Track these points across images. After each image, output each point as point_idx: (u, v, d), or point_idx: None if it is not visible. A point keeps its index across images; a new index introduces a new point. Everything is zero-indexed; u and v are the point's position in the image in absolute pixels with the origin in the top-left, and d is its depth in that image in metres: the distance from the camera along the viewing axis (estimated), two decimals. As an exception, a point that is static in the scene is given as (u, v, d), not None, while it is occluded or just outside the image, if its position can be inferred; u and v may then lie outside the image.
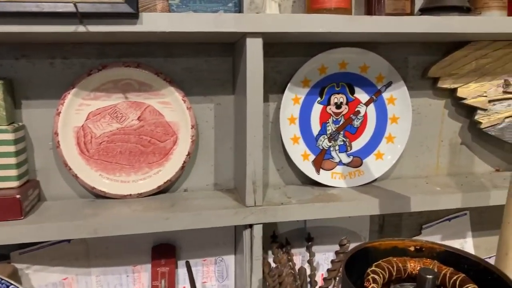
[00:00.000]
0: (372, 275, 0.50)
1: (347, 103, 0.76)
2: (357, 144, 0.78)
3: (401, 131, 0.77)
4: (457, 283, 0.48)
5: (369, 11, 0.71)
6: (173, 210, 0.64)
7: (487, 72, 0.78)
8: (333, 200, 0.68)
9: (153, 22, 0.55)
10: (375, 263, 0.52)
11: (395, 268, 0.52)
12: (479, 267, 0.51)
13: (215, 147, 0.74)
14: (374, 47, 0.75)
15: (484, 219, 0.88)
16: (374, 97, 0.77)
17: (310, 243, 0.77)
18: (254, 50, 0.60)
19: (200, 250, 0.77)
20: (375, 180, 0.79)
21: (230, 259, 0.78)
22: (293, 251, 0.78)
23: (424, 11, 0.72)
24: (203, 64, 0.71)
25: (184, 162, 0.70)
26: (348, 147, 0.77)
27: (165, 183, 0.70)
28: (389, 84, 0.76)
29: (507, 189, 0.75)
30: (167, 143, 0.70)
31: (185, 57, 0.70)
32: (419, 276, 0.46)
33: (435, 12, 0.69)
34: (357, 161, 0.78)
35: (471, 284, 0.48)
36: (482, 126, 0.79)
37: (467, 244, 0.88)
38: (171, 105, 0.69)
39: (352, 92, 0.76)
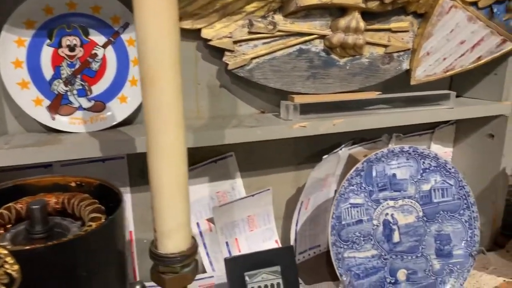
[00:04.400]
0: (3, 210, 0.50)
1: (81, 46, 0.75)
2: (98, 88, 0.78)
3: (144, 74, 0.77)
4: (75, 203, 0.50)
5: None
6: None
7: (231, 12, 0.80)
8: (50, 144, 0.68)
9: None
10: (15, 201, 0.52)
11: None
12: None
13: None
14: (106, -14, 0.74)
15: (253, 159, 0.93)
16: (112, 39, 0.76)
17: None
18: None
19: None
20: (122, 126, 0.79)
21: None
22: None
23: None
24: None
25: None
26: (88, 92, 0.77)
27: None
28: (126, 26, 0.76)
29: (271, 125, 0.80)
30: None
31: None
32: (29, 209, 0.48)
33: None
34: (99, 106, 0.78)
35: (89, 200, 0.50)
36: (230, 67, 0.82)
37: (237, 184, 0.93)
38: None
39: (86, 34, 0.75)
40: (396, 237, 0.85)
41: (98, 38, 0.76)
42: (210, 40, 0.81)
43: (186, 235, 0.57)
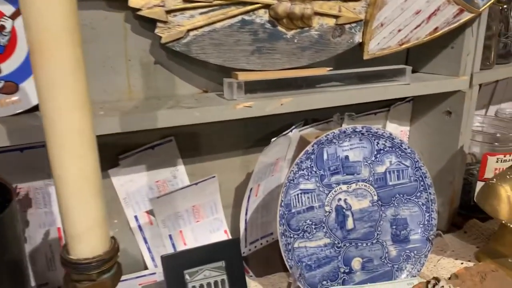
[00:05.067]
0: None
1: (-17, 16, 0.64)
2: (9, 67, 0.67)
3: (63, 49, 0.67)
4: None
5: None
6: None
7: (162, -21, 0.70)
8: None
9: None
10: None
11: None
12: None
13: None
14: None
15: (196, 144, 0.85)
16: (22, 9, 0.65)
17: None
18: None
19: None
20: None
21: None
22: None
23: None
24: None
25: None
26: (-4, 70, 0.66)
27: None
28: (37, -8, 0.65)
29: (212, 106, 0.72)
30: None
31: None
32: None
33: None
34: (10, 87, 0.68)
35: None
36: (163, 41, 0.73)
37: (178, 172, 0.85)
38: None
39: (-12, 2, 0.64)
40: (349, 224, 0.80)
41: (4, 7, 0.65)
42: (139, 9, 0.71)
43: (103, 236, 0.49)
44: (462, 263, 0.91)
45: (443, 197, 1.01)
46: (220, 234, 0.93)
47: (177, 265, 0.68)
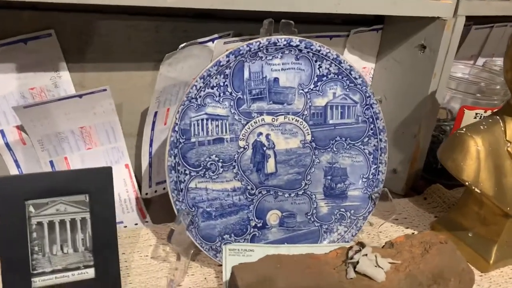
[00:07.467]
0: None
1: None
2: None
3: None
4: None
5: None
6: None
7: None
8: None
9: None
10: None
11: None
12: None
13: None
14: None
15: (89, 45, 0.67)
16: None
17: None
18: None
19: None
20: None
21: None
22: None
23: None
24: None
25: None
26: None
27: None
28: None
29: None
30: None
31: None
32: None
33: None
34: None
35: None
36: None
37: (62, 80, 0.67)
38: None
39: None
40: (270, 167, 0.63)
41: None
42: None
43: None
44: (413, 233, 0.76)
45: (403, 153, 0.84)
46: (119, 168, 0.76)
47: (17, 192, 0.51)
